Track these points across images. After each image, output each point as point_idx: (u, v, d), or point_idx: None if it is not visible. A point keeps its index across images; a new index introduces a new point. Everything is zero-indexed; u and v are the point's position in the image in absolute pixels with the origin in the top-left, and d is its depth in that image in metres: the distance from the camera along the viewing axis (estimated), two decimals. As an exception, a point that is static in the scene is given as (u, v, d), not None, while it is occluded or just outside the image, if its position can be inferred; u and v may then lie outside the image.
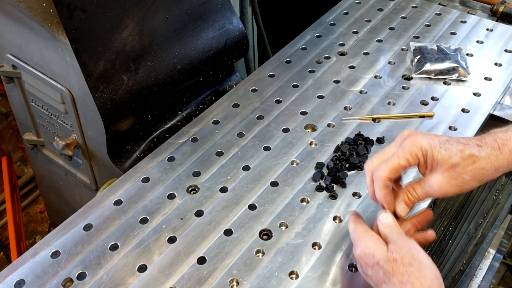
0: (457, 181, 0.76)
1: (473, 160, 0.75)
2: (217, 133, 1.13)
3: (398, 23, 1.46)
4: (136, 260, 0.88)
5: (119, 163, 1.18)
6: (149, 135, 1.25)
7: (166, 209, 0.97)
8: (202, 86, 1.35)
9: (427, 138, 0.78)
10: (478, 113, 1.16)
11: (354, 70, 1.29)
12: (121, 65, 1.11)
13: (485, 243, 1.18)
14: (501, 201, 1.30)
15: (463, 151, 0.75)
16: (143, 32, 1.13)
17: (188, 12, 1.22)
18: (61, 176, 1.49)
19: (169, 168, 1.05)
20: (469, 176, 0.75)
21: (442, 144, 0.76)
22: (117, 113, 1.13)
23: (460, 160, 0.75)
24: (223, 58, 1.35)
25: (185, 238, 0.92)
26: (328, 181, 1.00)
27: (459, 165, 0.75)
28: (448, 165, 0.75)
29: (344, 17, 1.49)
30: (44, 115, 1.34)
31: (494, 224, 1.23)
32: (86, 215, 0.96)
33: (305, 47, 1.38)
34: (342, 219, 0.94)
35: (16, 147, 2.40)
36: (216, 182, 1.02)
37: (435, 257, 1.15)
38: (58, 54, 1.10)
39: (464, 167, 0.75)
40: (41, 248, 0.91)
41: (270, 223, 0.94)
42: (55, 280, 0.85)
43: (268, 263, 0.87)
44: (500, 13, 1.50)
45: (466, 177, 0.75)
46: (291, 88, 1.25)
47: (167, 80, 1.21)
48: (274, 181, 1.02)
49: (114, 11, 1.06)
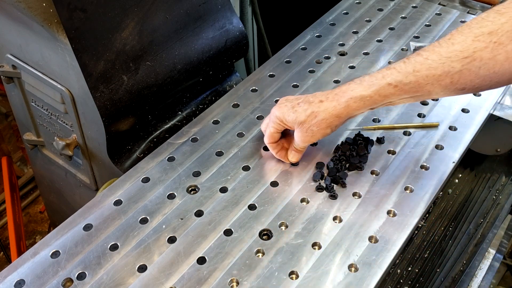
0: (307, 133, 0.96)
1: (314, 115, 0.94)
2: (217, 133, 1.13)
3: (398, 23, 1.46)
4: (136, 260, 0.88)
5: (119, 163, 1.18)
6: (149, 135, 1.25)
7: (166, 209, 0.97)
8: (202, 86, 1.35)
9: (281, 107, 0.99)
10: (478, 113, 1.16)
11: (354, 70, 1.29)
12: (121, 65, 1.11)
13: (485, 243, 1.18)
14: (501, 201, 1.30)
15: (307, 110, 0.95)
16: (143, 32, 1.13)
17: (188, 12, 1.22)
18: (61, 176, 1.49)
19: (169, 168, 1.05)
20: (315, 128, 0.95)
21: (292, 108, 0.97)
22: (117, 113, 1.13)
23: (305, 118, 0.95)
24: (223, 58, 1.35)
25: (185, 238, 0.92)
26: (328, 181, 1.00)
27: (305, 122, 0.95)
28: (298, 123, 0.96)
29: (344, 17, 1.49)
30: (44, 115, 1.34)
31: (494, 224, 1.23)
32: (86, 215, 0.96)
33: (305, 47, 1.38)
34: (342, 219, 0.94)
35: (16, 147, 2.40)
36: (216, 182, 1.02)
37: (435, 257, 1.15)
38: (58, 54, 1.10)
39: (309, 122, 0.95)
40: (41, 248, 0.91)
41: (270, 223, 0.94)
42: (55, 280, 0.85)
43: (268, 263, 0.87)
44: (500, 13, 1.50)
45: (314, 128, 0.95)
46: (291, 88, 1.25)
47: (167, 80, 1.21)
48: (274, 181, 1.02)
49: (114, 11, 1.06)
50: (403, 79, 0.87)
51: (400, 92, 0.88)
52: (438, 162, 1.05)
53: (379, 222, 0.93)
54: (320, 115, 0.94)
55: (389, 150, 1.08)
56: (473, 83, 0.83)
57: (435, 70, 0.84)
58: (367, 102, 0.91)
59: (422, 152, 1.07)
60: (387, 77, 0.88)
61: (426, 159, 1.05)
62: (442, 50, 0.83)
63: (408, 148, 1.08)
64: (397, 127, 1.12)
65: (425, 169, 1.03)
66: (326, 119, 0.94)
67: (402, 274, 1.10)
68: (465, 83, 0.83)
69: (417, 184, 1.00)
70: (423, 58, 0.85)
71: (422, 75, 0.85)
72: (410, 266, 1.12)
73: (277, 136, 1.04)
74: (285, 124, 0.99)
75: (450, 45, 0.83)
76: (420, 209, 0.96)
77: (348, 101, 0.91)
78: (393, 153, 1.07)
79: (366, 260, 0.87)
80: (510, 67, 0.79)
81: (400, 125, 1.12)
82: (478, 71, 0.81)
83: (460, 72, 0.82)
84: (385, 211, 0.95)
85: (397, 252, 0.89)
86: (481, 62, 0.80)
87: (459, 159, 1.06)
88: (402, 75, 0.87)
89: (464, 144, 1.09)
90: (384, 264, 0.87)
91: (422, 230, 1.19)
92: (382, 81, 0.89)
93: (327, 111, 0.93)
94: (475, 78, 0.82)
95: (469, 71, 0.82)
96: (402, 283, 1.09)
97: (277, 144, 1.05)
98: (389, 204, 0.97)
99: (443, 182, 1.01)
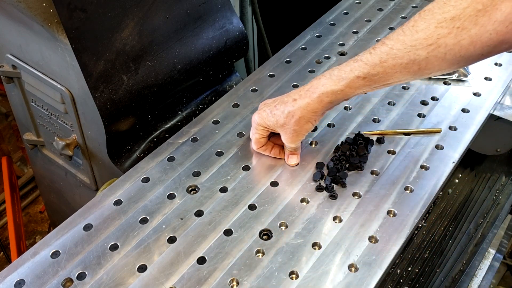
0: (291, 133, 0.97)
1: (291, 115, 0.95)
2: (217, 133, 1.13)
3: (398, 23, 1.46)
4: (136, 260, 0.88)
5: (119, 163, 1.18)
6: (149, 135, 1.25)
7: (166, 209, 0.97)
8: (202, 86, 1.35)
9: (261, 113, 1.00)
10: (478, 113, 1.16)
11: (354, 70, 1.29)
12: (121, 65, 1.11)
13: (485, 243, 1.18)
14: (501, 201, 1.30)
15: (284, 111, 0.96)
16: (143, 32, 1.13)
17: (188, 12, 1.22)
18: (61, 176, 1.49)
19: (169, 168, 1.05)
20: (297, 127, 0.96)
21: (271, 112, 0.98)
22: (117, 113, 1.13)
23: (284, 119, 0.96)
24: (223, 58, 1.35)
25: (185, 238, 0.92)
26: (328, 181, 1.00)
27: (285, 123, 0.97)
28: (279, 126, 0.98)
29: (344, 17, 1.49)
30: (44, 115, 1.34)
31: (494, 224, 1.23)
32: (86, 215, 0.96)
33: (305, 47, 1.38)
34: (342, 219, 0.94)
35: (16, 147, 2.40)
36: (216, 182, 1.02)
37: (435, 257, 1.15)
38: (58, 54, 1.10)
39: (288, 122, 0.96)
40: (41, 248, 0.91)
41: (270, 223, 0.94)
42: (55, 280, 0.85)
43: (268, 263, 0.87)
44: (500, 13, 1.50)
45: (296, 128, 0.96)
46: (291, 88, 1.25)
47: (167, 80, 1.21)
48: (274, 181, 1.02)
49: (114, 11, 1.06)
50: (370, 70, 0.87)
51: (370, 82, 0.89)
52: (438, 162, 1.05)
53: (379, 222, 0.93)
54: (297, 113, 0.95)
55: (389, 150, 1.08)
56: (441, 67, 0.83)
57: (401, 59, 0.84)
58: (339, 96, 0.92)
59: (422, 152, 1.07)
60: (355, 70, 0.89)
61: (426, 159, 1.05)
62: (406, 38, 0.83)
63: (408, 148, 1.08)
64: (399, 132, 1.11)
65: (425, 169, 1.03)
66: (303, 116, 0.95)
67: (402, 274, 1.10)
68: (433, 67, 0.84)
69: (417, 184, 1.00)
70: (388, 48, 0.85)
71: (389, 65, 0.85)
72: (410, 266, 1.12)
73: (264, 140, 1.05)
74: (268, 129, 1.01)
75: (414, 32, 0.82)
76: (420, 209, 0.96)
77: (321, 96, 0.92)
78: (393, 153, 1.07)
79: (366, 260, 0.87)
80: (475, 50, 0.79)
81: (403, 130, 1.11)
82: (444, 57, 0.81)
83: (427, 59, 0.82)
84: (385, 211, 0.95)
85: (397, 252, 0.89)
86: (446, 48, 0.80)
87: (459, 159, 1.06)
88: (369, 66, 0.87)
89: (464, 144, 1.09)
90: (384, 264, 0.87)
91: (422, 230, 1.19)
92: (350, 75, 0.89)
93: (302, 109, 0.94)
94: (442, 62, 0.82)
95: (435, 57, 0.81)
96: (402, 283, 1.09)
97: (266, 146, 1.06)
98: (389, 204, 0.97)
99: (443, 182, 1.01)
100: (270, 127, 1.00)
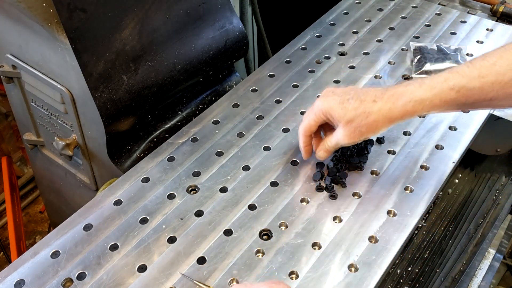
0: (355, 133, 0.90)
1: (366, 115, 0.87)
2: (217, 133, 1.13)
3: (398, 23, 1.46)
4: (136, 260, 0.88)
5: (119, 163, 1.18)
6: (149, 135, 1.24)
7: (166, 209, 0.97)
8: (202, 86, 1.35)
9: (328, 100, 0.91)
10: (478, 113, 1.16)
11: (354, 70, 1.29)
12: (121, 65, 1.11)
13: (485, 243, 1.18)
14: (501, 201, 1.30)
15: (358, 108, 0.88)
16: (143, 32, 1.13)
17: (188, 12, 1.22)
18: (61, 176, 1.49)
19: (169, 168, 1.05)
20: (364, 129, 0.89)
21: (341, 104, 0.89)
22: (117, 113, 1.13)
23: (354, 116, 0.88)
24: (223, 58, 1.35)
25: (185, 238, 0.92)
26: (328, 181, 1.00)
27: (354, 121, 0.88)
28: (345, 121, 0.89)
29: (344, 17, 1.49)
30: (44, 115, 1.34)
31: (494, 224, 1.23)
32: (86, 215, 0.96)
33: (305, 47, 1.38)
34: (342, 219, 0.94)
35: (16, 147, 2.40)
36: (216, 182, 1.02)
37: (435, 257, 1.15)
38: (58, 54, 1.10)
39: (359, 122, 0.88)
40: (41, 248, 0.91)
41: (270, 223, 0.94)
42: (55, 280, 0.85)
43: (268, 263, 0.87)
44: (500, 13, 1.50)
45: (362, 129, 0.89)
46: (291, 88, 1.25)
47: (167, 80, 1.21)
48: (274, 181, 1.02)
49: (114, 11, 1.06)
50: (466, 84, 0.82)
51: (462, 98, 0.83)
52: (438, 162, 1.05)
53: (379, 222, 0.93)
54: (372, 116, 0.87)
55: (389, 150, 1.08)
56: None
57: (503, 77, 0.79)
58: (425, 107, 0.85)
59: (422, 152, 1.07)
60: (449, 81, 0.83)
61: (426, 159, 1.05)
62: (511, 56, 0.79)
63: (408, 148, 1.08)
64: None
65: (425, 169, 1.03)
66: (377, 120, 0.87)
67: (402, 274, 1.10)
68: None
69: (417, 184, 1.00)
70: (489, 63, 0.81)
71: (487, 81, 0.80)
72: (410, 266, 1.12)
73: (314, 128, 0.97)
74: (328, 118, 0.93)
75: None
76: (420, 209, 0.96)
77: (406, 104, 0.86)
78: (393, 153, 1.07)
79: (366, 260, 0.87)
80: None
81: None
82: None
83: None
84: (385, 211, 0.95)
85: (397, 252, 0.89)
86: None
87: (459, 159, 1.06)
88: (465, 79, 0.82)
89: (464, 144, 1.09)
90: (384, 264, 0.87)
91: (422, 230, 1.19)
92: (443, 85, 0.84)
93: (380, 113, 0.87)
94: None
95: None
96: (402, 283, 1.09)
97: (309, 138, 0.99)
98: (389, 204, 0.97)
99: (443, 182, 1.01)
100: (333, 118, 0.91)
